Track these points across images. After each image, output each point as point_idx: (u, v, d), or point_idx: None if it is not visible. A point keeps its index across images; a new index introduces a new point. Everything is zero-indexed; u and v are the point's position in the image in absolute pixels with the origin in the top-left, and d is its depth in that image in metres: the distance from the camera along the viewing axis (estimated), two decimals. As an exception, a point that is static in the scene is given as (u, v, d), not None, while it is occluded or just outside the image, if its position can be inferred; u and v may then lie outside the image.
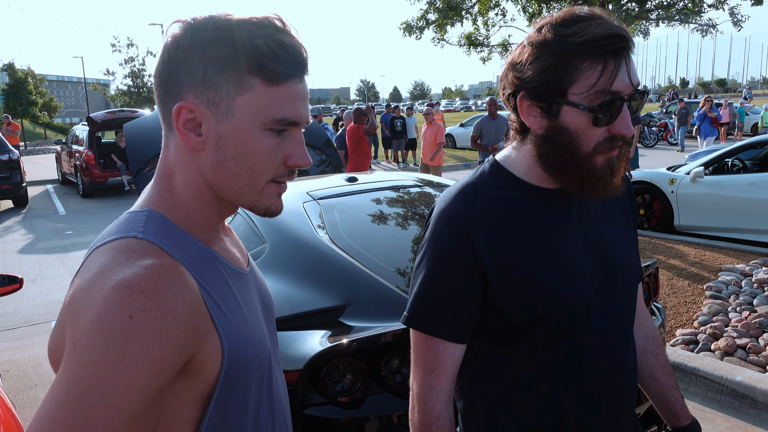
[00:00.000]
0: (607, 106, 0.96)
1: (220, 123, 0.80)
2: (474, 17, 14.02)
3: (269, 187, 0.85)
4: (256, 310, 0.91)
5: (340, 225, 2.77)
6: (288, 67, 0.80)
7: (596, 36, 0.93)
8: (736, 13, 12.35)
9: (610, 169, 1.01)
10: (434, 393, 1.09)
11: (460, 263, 1.04)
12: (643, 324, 1.34)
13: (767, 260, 5.47)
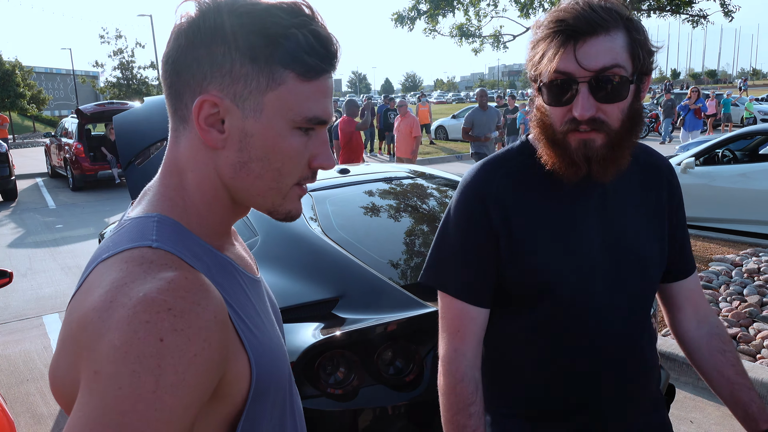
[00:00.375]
0: (554, 85, 1.02)
1: (246, 120, 0.72)
2: (465, 8, 13.98)
3: (293, 190, 0.78)
4: (272, 320, 0.84)
5: (333, 217, 2.76)
6: (323, 61, 0.73)
7: (550, 19, 1.01)
8: (727, 4, 12.37)
9: (584, 155, 1.03)
10: (458, 355, 1.15)
11: (477, 230, 1.13)
12: (705, 320, 1.27)
13: (757, 250, 5.51)
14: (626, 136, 1.04)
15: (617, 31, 0.99)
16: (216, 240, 0.79)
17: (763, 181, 6.26)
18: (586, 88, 1.00)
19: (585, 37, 0.98)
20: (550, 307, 1.11)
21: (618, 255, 1.12)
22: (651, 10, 12.52)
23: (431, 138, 20.58)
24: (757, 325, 3.93)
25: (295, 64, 0.71)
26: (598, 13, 0.99)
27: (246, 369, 0.71)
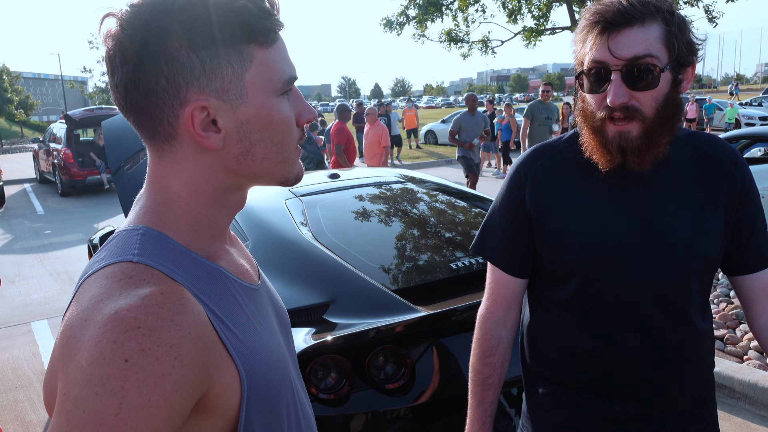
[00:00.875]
0: (587, 74, 1.11)
1: (237, 109, 0.71)
2: (454, 13, 14.07)
3: (295, 153, 0.78)
4: (272, 328, 0.82)
5: (323, 222, 2.77)
6: (275, 21, 0.72)
7: (588, 14, 1.10)
8: (711, 10, 12.54)
9: (619, 147, 1.10)
10: (489, 313, 1.32)
11: (513, 207, 1.26)
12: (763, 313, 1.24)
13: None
14: (662, 124, 1.09)
15: (653, 22, 1.06)
16: (208, 247, 0.76)
17: (749, 185, 6.33)
18: (618, 76, 1.07)
19: (619, 28, 1.06)
20: (578, 286, 1.18)
21: (651, 241, 1.14)
22: (637, 15, 12.62)
23: (419, 142, 20.64)
24: (743, 326, 3.98)
25: (255, 34, 0.70)
26: (634, 6, 1.06)
27: (235, 380, 0.68)
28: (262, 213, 2.79)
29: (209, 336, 0.65)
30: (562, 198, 1.21)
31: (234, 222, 2.75)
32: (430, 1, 13.79)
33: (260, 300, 0.82)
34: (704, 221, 1.16)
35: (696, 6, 12.27)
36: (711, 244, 1.17)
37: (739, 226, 1.20)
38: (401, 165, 15.61)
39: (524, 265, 1.28)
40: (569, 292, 1.20)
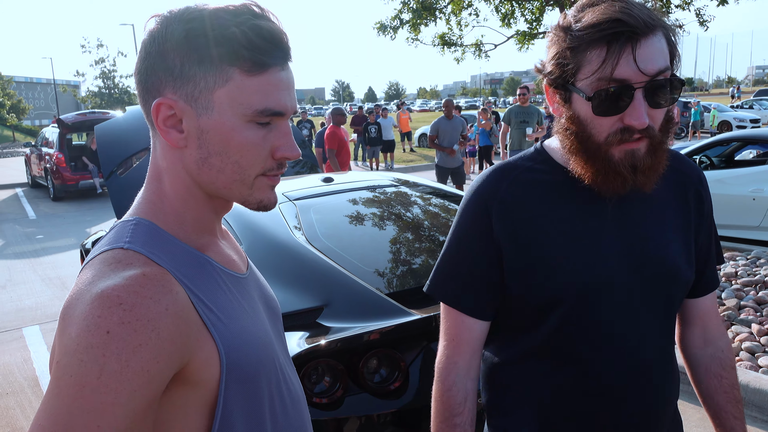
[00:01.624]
0: (607, 94, 0.93)
1: (200, 118, 0.78)
2: (447, 17, 14.11)
3: (260, 180, 0.82)
4: (257, 313, 0.88)
5: (317, 226, 2.77)
6: (267, 55, 0.77)
7: (596, 21, 0.92)
8: (702, 14, 12.63)
9: (631, 165, 0.97)
10: (450, 363, 1.12)
11: (480, 239, 1.08)
12: (711, 341, 1.21)
13: (735, 254, 5.61)
14: (664, 140, 1.00)
15: (659, 31, 0.94)
16: (197, 237, 0.84)
17: (739, 187, 6.38)
18: (641, 95, 0.93)
19: (640, 39, 0.91)
20: (559, 324, 1.04)
21: (641, 267, 1.04)
22: (629, 19, 12.70)
23: (412, 145, 20.66)
24: (735, 328, 4.00)
25: (238, 60, 0.75)
26: (646, 12, 0.93)
27: (215, 355, 0.76)
28: (255, 217, 2.79)
29: (188, 315, 0.73)
30: (536, 222, 1.05)
31: (227, 225, 2.74)
32: (424, 5, 13.83)
33: (246, 288, 0.89)
34: (684, 243, 1.10)
35: (687, 9, 12.36)
36: (690, 268, 1.10)
37: (701, 247, 1.15)
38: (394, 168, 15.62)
39: (491, 305, 1.11)
40: (548, 332, 1.06)
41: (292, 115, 0.84)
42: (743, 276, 4.89)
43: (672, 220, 1.09)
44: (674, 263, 1.06)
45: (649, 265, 1.04)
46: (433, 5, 13.83)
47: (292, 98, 0.81)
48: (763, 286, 4.64)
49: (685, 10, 12.32)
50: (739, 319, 4.08)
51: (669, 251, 1.06)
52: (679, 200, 1.11)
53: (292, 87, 0.82)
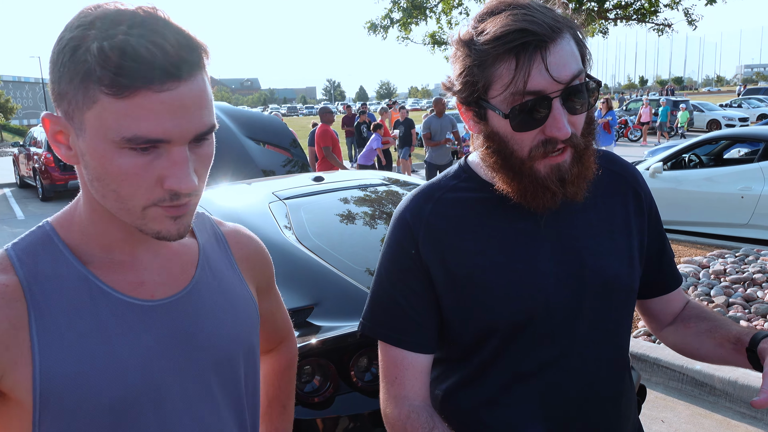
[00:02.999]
0: (524, 109, 0.87)
1: (78, 138, 0.71)
2: (438, 16, 14.13)
3: (152, 211, 0.73)
4: (141, 346, 0.77)
5: (307, 225, 2.76)
6: (129, 76, 0.65)
7: (499, 33, 0.85)
8: (690, 13, 12.72)
9: (559, 178, 0.91)
10: (398, 400, 1.01)
11: (409, 268, 1.00)
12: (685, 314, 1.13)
13: (723, 252, 5.66)
14: (588, 144, 0.94)
15: (567, 32, 0.87)
16: (103, 254, 0.78)
17: (728, 185, 6.44)
18: (559, 104, 0.87)
19: (548, 45, 0.84)
20: (497, 351, 0.99)
21: (578, 281, 0.98)
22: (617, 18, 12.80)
23: None
24: (724, 325, 4.04)
25: (101, 81, 0.66)
26: (549, 15, 0.86)
27: (28, 381, 0.70)
28: (245, 216, 2.78)
29: (13, 329, 0.70)
30: (465, 245, 0.98)
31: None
32: (414, 5, 13.83)
33: (148, 317, 0.79)
34: (624, 248, 1.03)
35: (676, 9, 12.44)
36: (633, 271, 1.04)
37: (651, 247, 1.09)
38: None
39: (432, 338, 1.02)
40: (485, 358, 1.00)
41: (200, 137, 0.72)
42: (732, 273, 4.93)
43: (609, 226, 1.03)
44: (614, 272, 1.00)
45: (588, 278, 0.98)
46: (423, 4, 13.84)
47: (183, 122, 0.69)
48: (752, 284, 4.69)
49: (674, 9, 12.40)
50: (728, 317, 4.11)
51: (608, 260, 1.00)
52: (616, 203, 1.05)
53: (189, 106, 0.69)
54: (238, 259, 0.96)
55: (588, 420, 1.01)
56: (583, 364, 1.00)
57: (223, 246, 0.94)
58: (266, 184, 3.33)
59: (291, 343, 1.19)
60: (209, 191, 3.16)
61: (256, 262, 1.00)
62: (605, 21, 13.06)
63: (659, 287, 1.14)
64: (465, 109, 0.96)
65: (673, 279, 1.15)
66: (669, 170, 7.07)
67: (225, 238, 0.96)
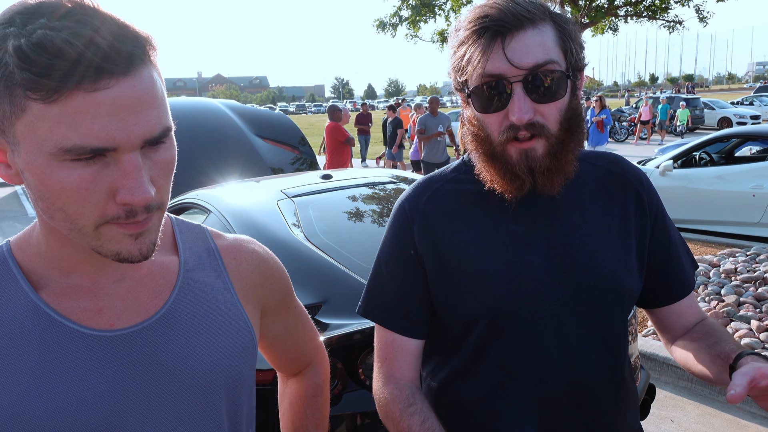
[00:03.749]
0: (482, 90, 0.92)
1: (14, 154, 0.63)
2: (446, 14, 14.11)
3: (107, 229, 0.65)
4: (93, 381, 0.70)
5: (315, 222, 2.76)
6: (57, 75, 0.57)
7: (469, 19, 0.93)
8: (701, 10, 12.62)
9: (528, 166, 0.93)
10: (388, 378, 1.06)
11: (404, 255, 1.05)
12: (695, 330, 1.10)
13: (734, 251, 5.61)
14: (567, 139, 0.94)
15: (545, 24, 0.91)
16: (60, 277, 0.71)
17: (739, 183, 6.38)
18: (520, 89, 0.90)
19: (512, 32, 0.89)
20: (482, 343, 1.00)
21: (569, 277, 0.98)
22: (628, 15, 12.72)
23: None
24: (734, 324, 4.00)
25: (25, 84, 0.57)
26: (522, 6, 0.90)
27: None
28: (253, 214, 2.79)
29: None
30: (457, 235, 1.01)
31: (225, 223, 2.74)
32: (423, 2, 13.82)
33: (97, 349, 0.71)
34: (623, 249, 1.03)
35: (686, 6, 12.35)
36: (631, 273, 1.03)
37: (655, 250, 1.07)
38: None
39: (423, 323, 1.06)
40: (476, 350, 1.02)
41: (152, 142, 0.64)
42: (743, 272, 4.89)
43: (606, 226, 1.03)
44: (609, 271, 1.00)
45: (580, 275, 0.98)
46: (432, 2, 13.82)
47: (128, 124, 0.60)
48: (763, 283, 4.64)
49: (685, 6, 12.32)
50: (739, 316, 4.08)
51: (602, 259, 1.00)
52: (615, 204, 1.05)
53: (134, 106, 0.60)
54: (234, 277, 0.86)
55: (578, 419, 1.01)
56: (573, 362, 1.00)
57: (215, 262, 0.85)
58: (274, 181, 3.34)
59: (319, 366, 1.11)
60: (218, 189, 3.17)
61: (260, 279, 0.90)
62: (615, 18, 12.98)
63: (665, 294, 1.10)
64: (461, 97, 1.01)
65: (679, 286, 1.10)
66: (679, 168, 7.03)
67: (220, 253, 0.86)
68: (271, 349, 1.01)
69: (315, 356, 1.10)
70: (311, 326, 1.08)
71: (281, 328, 0.98)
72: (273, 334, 0.97)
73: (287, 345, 1.02)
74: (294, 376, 1.10)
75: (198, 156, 4.61)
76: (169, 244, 0.83)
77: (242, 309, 0.85)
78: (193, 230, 0.87)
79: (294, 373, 1.09)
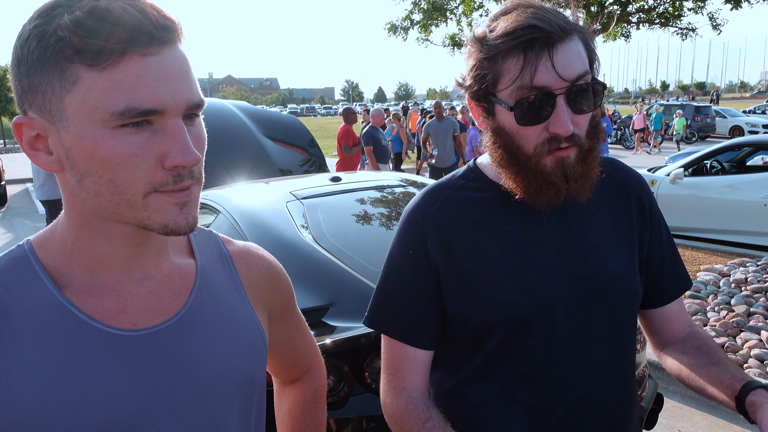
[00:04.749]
0: (528, 103, 0.90)
1: (60, 133, 0.65)
2: (458, 18, 14.12)
3: (154, 199, 0.67)
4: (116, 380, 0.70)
5: (324, 225, 2.77)
6: (111, 39, 0.61)
7: (510, 28, 0.89)
8: (715, 18, 12.56)
9: (563, 173, 0.93)
10: (398, 392, 1.05)
11: (416, 264, 1.03)
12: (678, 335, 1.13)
13: (744, 260, 5.56)
14: (594, 145, 0.97)
15: (576, 35, 0.92)
16: (84, 275, 0.72)
17: (750, 192, 6.33)
18: (563, 101, 0.90)
19: (557, 44, 0.88)
20: (500, 347, 1.00)
21: (581, 281, 1.00)
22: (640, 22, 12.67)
23: None
24: (744, 334, 3.96)
25: (79, 54, 0.61)
26: (560, 17, 0.90)
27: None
28: (263, 215, 2.79)
29: None
30: (472, 242, 1.01)
31: (234, 224, 2.75)
32: (435, 6, 13.84)
33: (121, 348, 0.71)
34: (626, 253, 1.05)
35: (700, 13, 12.29)
36: (635, 277, 1.05)
37: (652, 256, 1.10)
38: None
39: (434, 334, 1.06)
40: (490, 356, 1.01)
41: (193, 109, 0.67)
42: (753, 282, 4.85)
43: (612, 230, 1.05)
44: (618, 275, 1.02)
45: (590, 279, 1.00)
46: (444, 6, 13.84)
47: (174, 89, 0.64)
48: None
49: (698, 13, 12.26)
50: (749, 326, 4.04)
51: (611, 262, 1.02)
52: (619, 208, 1.07)
53: (177, 74, 0.65)
54: (245, 283, 0.88)
55: (590, 421, 1.02)
56: (588, 364, 1.01)
57: (228, 267, 0.87)
58: (284, 183, 3.35)
59: (317, 372, 1.11)
60: (227, 190, 3.18)
61: (269, 285, 0.92)
62: (627, 24, 12.94)
63: (659, 295, 1.12)
64: (475, 105, 0.99)
65: (675, 289, 1.13)
66: (690, 176, 6.98)
67: (232, 258, 0.88)
68: (272, 355, 1.01)
69: (313, 363, 1.10)
70: (310, 333, 1.08)
71: (284, 333, 0.99)
72: (276, 339, 0.98)
73: (288, 351, 1.03)
74: (292, 383, 1.10)
75: (208, 156, 4.60)
76: (185, 247, 0.84)
77: (254, 312, 0.87)
78: (206, 235, 0.89)
79: (292, 380, 1.09)
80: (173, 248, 0.81)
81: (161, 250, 0.78)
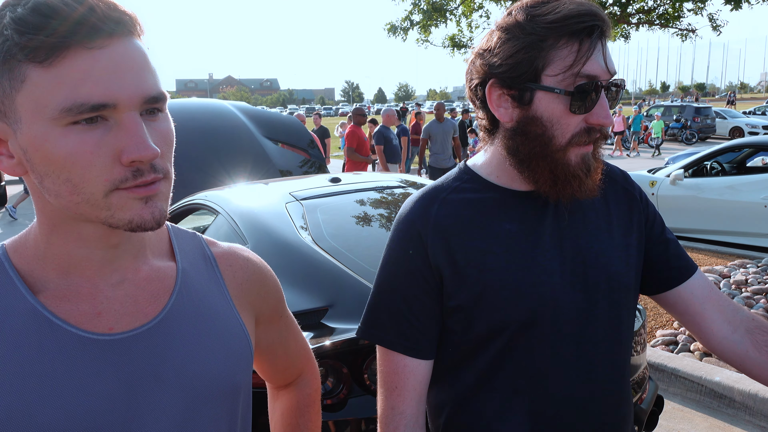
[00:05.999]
0: (584, 90, 0.89)
1: (17, 134, 0.63)
2: (458, 19, 14.13)
3: (117, 197, 0.64)
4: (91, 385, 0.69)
5: (323, 226, 2.76)
6: (55, 33, 0.59)
7: (570, 13, 0.88)
8: (715, 19, 12.56)
9: (586, 167, 0.94)
10: (396, 414, 1.01)
11: (415, 272, 1.00)
12: (735, 317, 1.06)
13: (745, 262, 5.56)
14: (602, 142, 0.98)
15: None
16: (58, 278, 0.71)
17: (750, 194, 6.33)
18: (604, 92, 0.91)
19: (607, 35, 0.90)
20: (504, 351, 0.99)
21: (583, 279, 0.99)
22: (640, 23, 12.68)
23: None
24: (744, 336, 3.96)
25: (22, 50, 0.60)
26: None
27: None
28: (261, 216, 2.79)
29: None
30: (473, 244, 0.98)
31: (233, 225, 2.74)
32: (435, 7, 13.85)
33: (97, 353, 0.70)
34: (624, 248, 1.04)
35: (700, 14, 12.29)
36: (630, 271, 1.04)
37: (653, 240, 1.09)
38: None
39: (431, 342, 1.02)
40: (494, 358, 0.99)
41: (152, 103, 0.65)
42: (753, 284, 4.84)
43: (607, 224, 1.04)
44: (616, 270, 1.02)
45: (591, 276, 1.00)
46: (444, 7, 13.84)
47: (126, 82, 0.62)
48: (774, 295, 4.59)
49: (698, 14, 12.26)
50: (749, 328, 4.04)
51: (608, 258, 1.02)
52: (610, 202, 1.07)
53: (130, 66, 0.63)
54: (230, 285, 0.86)
55: (593, 419, 1.02)
56: (591, 361, 1.00)
57: (212, 269, 0.84)
58: (283, 184, 3.34)
59: (310, 376, 1.09)
60: (226, 190, 3.17)
61: (255, 287, 0.89)
62: (627, 25, 12.94)
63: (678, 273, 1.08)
64: (501, 94, 0.95)
65: (689, 263, 1.10)
66: (690, 178, 6.98)
67: (216, 260, 0.86)
68: (262, 359, 0.99)
69: (305, 367, 1.08)
70: (302, 336, 1.06)
71: (273, 337, 0.97)
72: (265, 343, 0.96)
73: (278, 354, 1.00)
74: (284, 387, 1.08)
75: (207, 157, 4.63)
76: (166, 249, 0.82)
77: (239, 316, 0.84)
78: (189, 237, 0.87)
79: (284, 384, 1.08)
80: (153, 251, 0.79)
81: (138, 253, 0.76)
